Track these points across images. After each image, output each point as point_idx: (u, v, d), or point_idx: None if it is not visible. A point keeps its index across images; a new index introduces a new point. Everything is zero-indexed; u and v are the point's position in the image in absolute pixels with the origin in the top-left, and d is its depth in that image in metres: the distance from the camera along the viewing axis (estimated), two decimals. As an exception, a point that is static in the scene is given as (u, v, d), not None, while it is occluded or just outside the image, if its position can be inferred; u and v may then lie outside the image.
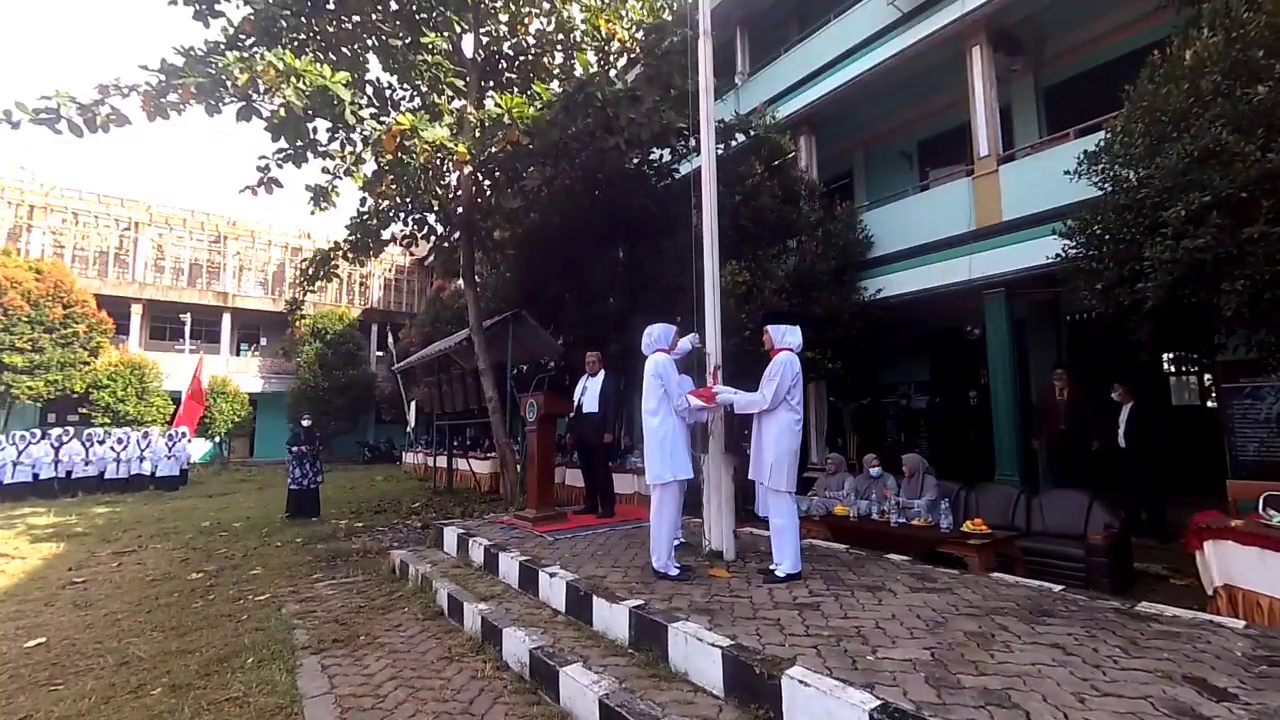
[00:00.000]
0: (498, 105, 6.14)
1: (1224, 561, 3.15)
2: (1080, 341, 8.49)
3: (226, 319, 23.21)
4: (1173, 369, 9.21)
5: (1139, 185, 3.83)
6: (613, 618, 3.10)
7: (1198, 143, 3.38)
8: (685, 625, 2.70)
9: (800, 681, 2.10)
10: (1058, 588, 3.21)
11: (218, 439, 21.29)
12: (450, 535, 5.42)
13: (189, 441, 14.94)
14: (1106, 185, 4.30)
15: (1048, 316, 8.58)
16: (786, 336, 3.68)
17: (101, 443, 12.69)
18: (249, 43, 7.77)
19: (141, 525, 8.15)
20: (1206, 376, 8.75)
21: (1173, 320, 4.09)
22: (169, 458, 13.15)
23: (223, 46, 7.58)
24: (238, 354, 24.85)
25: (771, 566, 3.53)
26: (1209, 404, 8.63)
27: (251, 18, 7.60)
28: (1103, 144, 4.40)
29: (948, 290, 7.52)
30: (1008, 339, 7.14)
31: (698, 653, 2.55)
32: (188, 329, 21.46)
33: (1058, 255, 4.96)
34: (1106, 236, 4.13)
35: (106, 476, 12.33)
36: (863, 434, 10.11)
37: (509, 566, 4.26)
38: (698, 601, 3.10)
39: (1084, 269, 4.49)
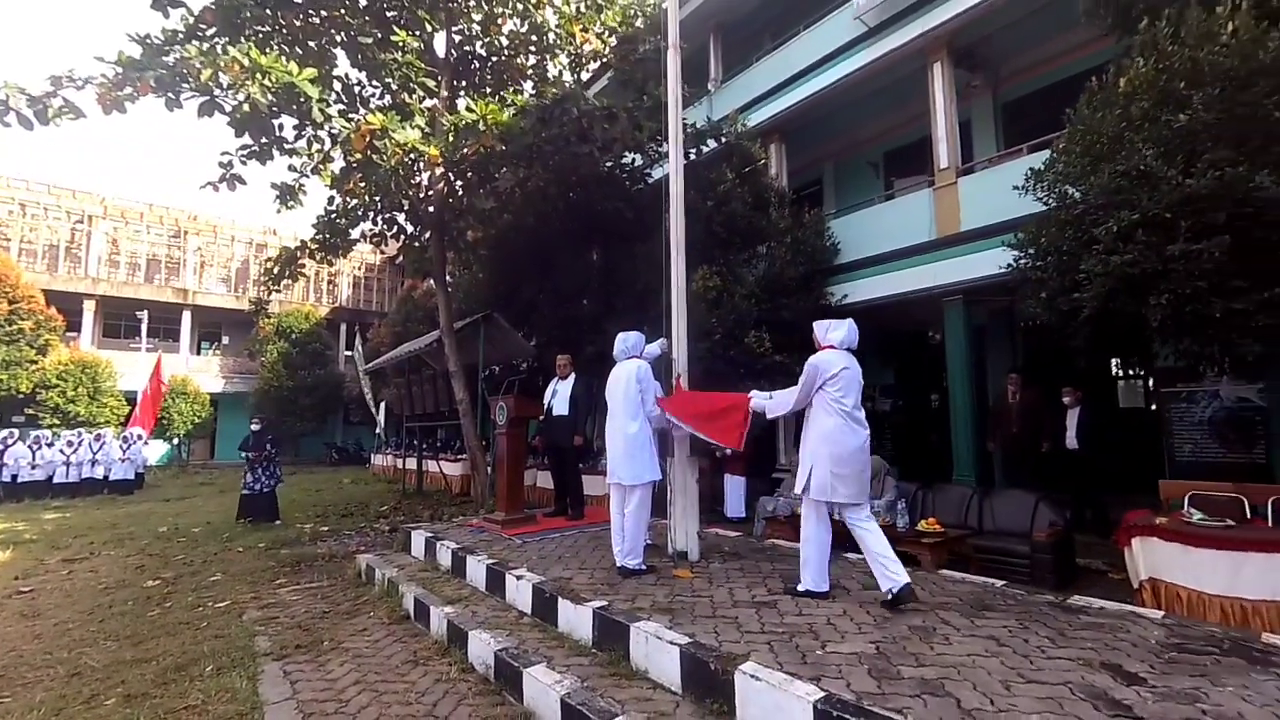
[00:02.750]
0: (470, 110, 6.14)
1: (1149, 556, 3.38)
2: (1034, 348, 8.88)
3: (187, 316, 22.45)
4: (1121, 373, 9.68)
5: (1078, 202, 4.07)
6: (577, 619, 3.17)
7: (1128, 164, 3.63)
8: (646, 625, 2.79)
9: (752, 676, 2.21)
10: (999, 583, 3.40)
11: (176, 441, 20.59)
12: (418, 539, 5.41)
13: (145, 444, 14.42)
14: (1051, 201, 4.55)
15: (1004, 323, 8.96)
16: (829, 333, 3.33)
17: (50, 445, 12.16)
18: (210, 33, 7.57)
19: (94, 531, 7.87)
20: (1151, 381, 9.24)
21: (1110, 329, 4.35)
22: (124, 460, 12.68)
23: (181, 36, 7.38)
24: (198, 353, 24.06)
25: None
26: (1153, 407, 9.12)
27: (213, 7, 7.41)
28: (1048, 162, 4.65)
29: (910, 297, 7.79)
30: (965, 345, 7.44)
31: (658, 651, 2.64)
32: (144, 326, 20.66)
33: (1009, 265, 5.22)
34: (1050, 249, 4.37)
35: (55, 481, 11.81)
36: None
37: (476, 570, 4.29)
38: (660, 601, 3.19)
39: (1031, 279, 4.75)
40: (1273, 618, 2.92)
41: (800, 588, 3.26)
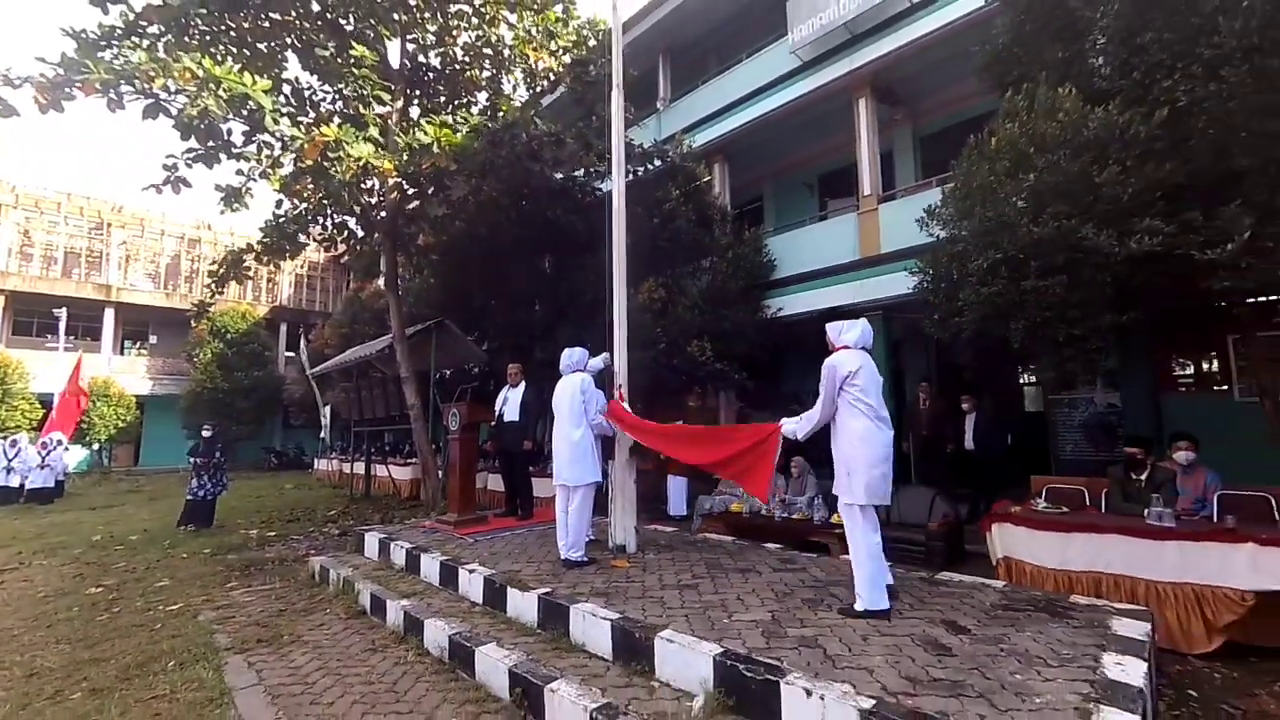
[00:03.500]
0: (424, 131, 6.37)
1: (1004, 539, 4.09)
2: (945, 359, 9.85)
3: (109, 314, 21.16)
4: (1027, 381, 10.80)
5: (959, 240, 4.79)
6: (524, 604, 3.56)
7: (995, 211, 4.35)
8: (584, 605, 3.22)
9: (668, 640, 2.68)
10: (887, 564, 4.01)
11: (96, 446, 19.37)
12: (371, 540, 5.63)
13: (66, 449, 13.63)
14: (942, 235, 5.28)
15: (919, 337, 9.87)
16: (844, 334, 3.27)
17: (-43, 453, 11.39)
18: (150, 29, 7.46)
19: (19, 541, 7.56)
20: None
21: (987, 347, 5.11)
22: (42, 468, 11.98)
23: (120, 32, 7.26)
24: (121, 353, 22.69)
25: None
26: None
27: (157, 6, 7.31)
28: (941, 201, 5.38)
29: (837, 311, 8.51)
30: (885, 355, 8.23)
31: (593, 627, 3.07)
32: (63, 324, 19.36)
33: (914, 288, 5.96)
34: (939, 277, 5.08)
35: (-37, 490, 11.09)
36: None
37: (430, 566, 4.59)
38: (598, 587, 3.62)
39: (927, 301, 5.48)
40: (1089, 584, 3.65)
41: (858, 607, 2.95)
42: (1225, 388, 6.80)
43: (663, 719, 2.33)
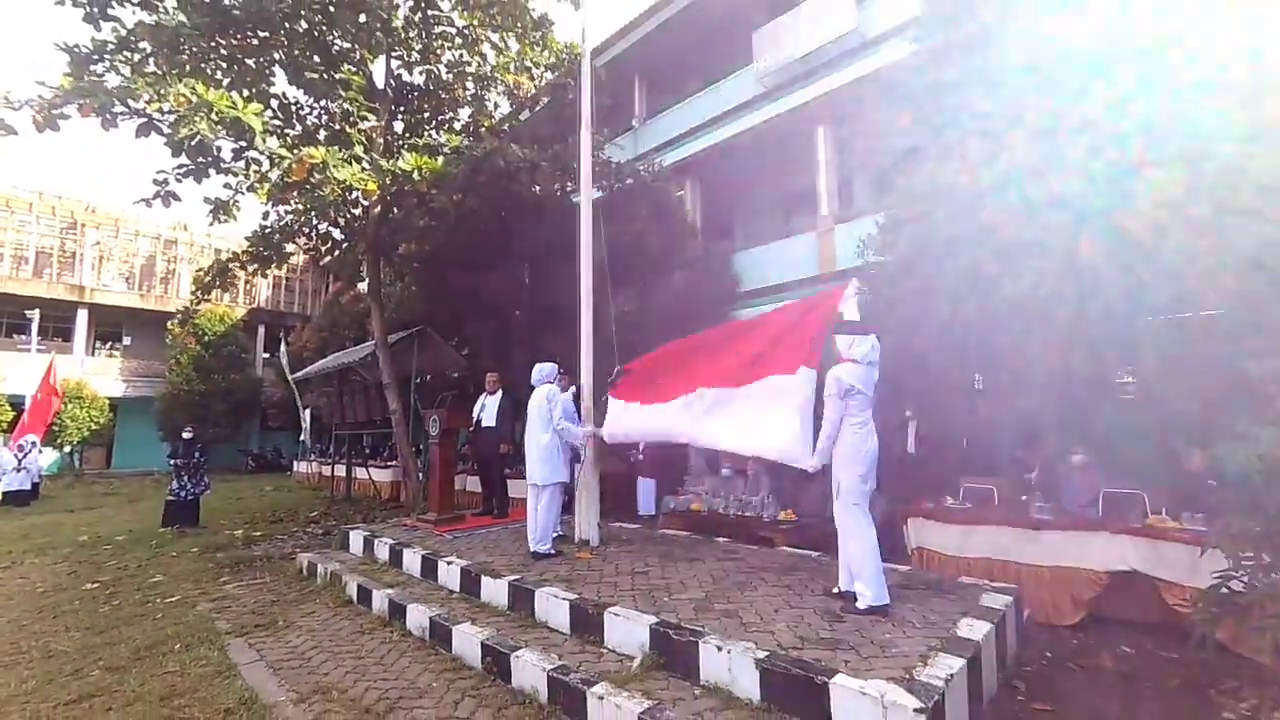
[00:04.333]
0: (406, 164, 6.80)
1: (918, 531, 4.70)
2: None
3: (82, 315, 20.97)
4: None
5: (887, 266, 5.42)
6: (496, 590, 4.05)
7: (913, 245, 4.97)
8: (548, 589, 3.73)
9: (615, 614, 3.21)
10: (815, 553, 4.59)
11: (68, 448, 19.21)
12: (356, 537, 6.05)
13: (40, 452, 13.64)
14: (880, 258, 5.90)
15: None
16: (853, 348, 3.39)
17: (-69, 455, 11.41)
18: (140, 44, 7.76)
19: (5, 541, 7.78)
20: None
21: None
22: (19, 470, 12.04)
23: (112, 47, 7.57)
24: (93, 354, 22.46)
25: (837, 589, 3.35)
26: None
27: (150, 25, 7.62)
28: (875, 231, 6.01)
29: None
30: (840, 365, 8.86)
31: (555, 607, 3.58)
32: (35, 325, 19.18)
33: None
34: (874, 297, 5.70)
35: (-62, 493, 11.12)
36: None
37: (412, 560, 5.05)
38: (562, 575, 4.13)
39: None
40: (983, 569, 4.26)
41: (861, 605, 3.12)
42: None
43: (606, 675, 2.84)
